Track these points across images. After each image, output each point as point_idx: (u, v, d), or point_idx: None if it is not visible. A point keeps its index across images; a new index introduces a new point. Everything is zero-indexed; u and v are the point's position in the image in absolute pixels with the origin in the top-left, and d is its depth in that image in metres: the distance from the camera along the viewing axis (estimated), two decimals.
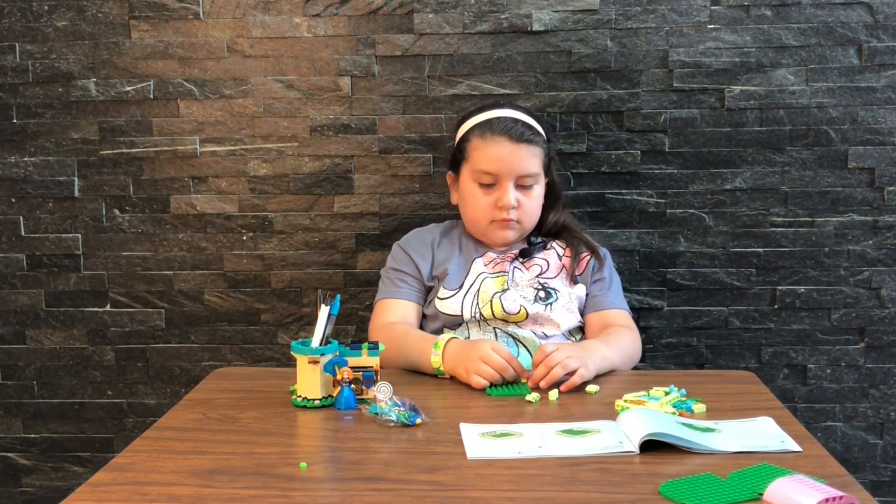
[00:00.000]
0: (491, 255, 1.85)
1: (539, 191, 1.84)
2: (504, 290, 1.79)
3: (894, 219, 2.12)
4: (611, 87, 2.11)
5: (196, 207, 2.20)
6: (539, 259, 1.85)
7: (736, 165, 2.13)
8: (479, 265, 1.84)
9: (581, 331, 1.85)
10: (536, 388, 1.48)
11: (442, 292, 1.81)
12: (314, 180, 2.18)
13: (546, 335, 1.77)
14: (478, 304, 1.78)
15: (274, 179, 2.19)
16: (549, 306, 1.78)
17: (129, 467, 1.17)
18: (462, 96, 2.13)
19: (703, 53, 2.10)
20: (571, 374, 1.48)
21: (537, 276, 1.82)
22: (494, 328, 1.78)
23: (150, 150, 2.19)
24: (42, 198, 2.22)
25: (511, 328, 1.77)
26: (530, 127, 1.81)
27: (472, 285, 1.81)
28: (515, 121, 1.81)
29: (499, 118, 1.81)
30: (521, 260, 1.84)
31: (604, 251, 1.90)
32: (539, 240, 1.88)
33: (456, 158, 1.89)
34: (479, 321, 1.78)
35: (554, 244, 1.89)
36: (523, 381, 1.52)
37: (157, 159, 2.19)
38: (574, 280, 1.83)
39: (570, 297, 1.81)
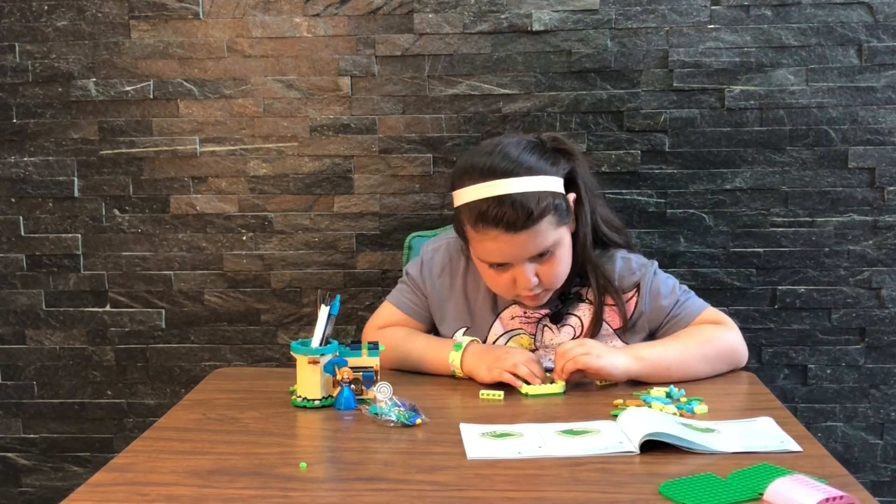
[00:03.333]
0: (517, 309, 1.61)
1: (562, 252, 1.52)
2: (533, 352, 1.58)
3: (894, 219, 2.12)
4: (611, 87, 2.11)
5: (196, 207, 2.20)
6: (573, 317, 1.60)
7: (736, 165, 2.13)
8: (499, 326, 1.62)
9: None
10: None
11: (471, 335, 1.60)
12: (314, 180, 2.18)
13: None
14: None
15: (274, 179, 2.19)
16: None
17: (129, 467, 1.16)
18: (462, 96, 2.13)
19: (703, 53, 2.10)
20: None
21: (571, 339, 1.58)
22: None
23: (150, 150, 2.19)
24: (42, 198, 2.21)
25: None
26: (528, 201, 1.45)
27: (495, 343, 1.62)
28: (506, 202, 1.44)
29: (487, 204, 1.45)
30: (551, 321, 1.60)
31: (648, 271, 1.60)
32: (571, 293, 1.60)
33: (458, 230, 1.58)
34: None
35: (588, 295, 1.60)
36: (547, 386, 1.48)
37: (157, 159, 2.19)
38: (627, 327, 1.57)
39: None
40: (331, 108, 2.16)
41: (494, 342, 1.62)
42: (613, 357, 1.44)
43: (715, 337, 1.53)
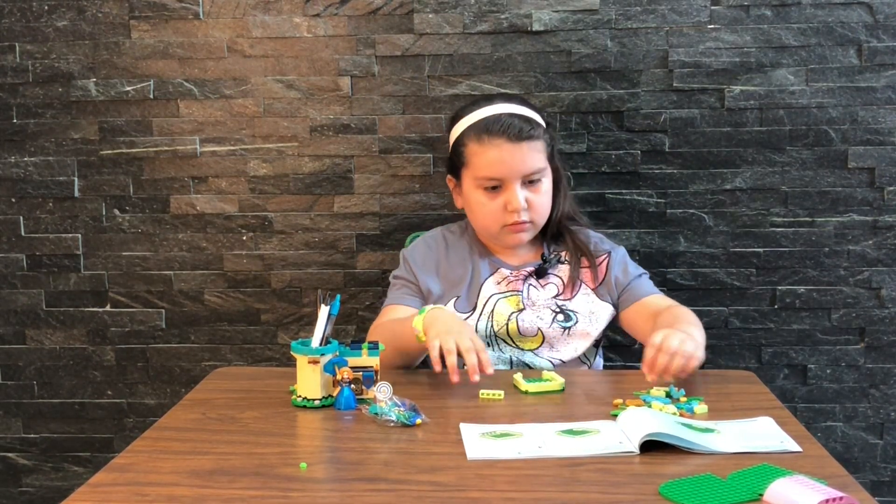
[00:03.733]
0: (504, 272, 1.76)
1: (547, 184, 1.73)
2: (520, 311, 1.71)
3: (894, 219, 2.12)
4: (611, 87, 2.11)
5: (196, 207, 2.20)
6: (554, 277, 1.76)
7: (736, 165, 2.13)
8: (489, 286, 1.74)
9: (596, 348, 1.78)
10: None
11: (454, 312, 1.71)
12: (314, 180, 2.18)
13: (563, 361, 1.71)
14: (493, 325, 1.72)
15: (274, 179, 2.19)
16: (567, 331, 1.71)
17: (129, 467, 1.17)
18: (462, 96, 2.13)
19: (703, 53, 2.10)
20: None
21: (554, 298, 1.73)
22: (510, 356, 1.72)
23: (150, 150, 2.19)
24: (42, 198, 2.22)
25: (528, 357, 1.72)
26: (528, 120, 1.70)
27: (484, 306, 1.73)
28: (511, 116, 1.69)
29: (494, 116, 1.69)
30: (535, 278, 1.74)
31: (618, 249, 1.82)
32: (552, 254, 1.77)
33: (454, 163, 1.78)
34: (496, 344, 1.72)
35: (566, 258, 1.77)
36: (547, 377, 1.49)
37: (157, 159, 2.19)
38: (599, 288, 1.75)
39: (589, 319, 1.73)
40: (331, 108, 2.16)
41: (485, 303, 1.72)
42: (698, 349, 1.46)
43: (688, 312, 1.66)
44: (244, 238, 2.21)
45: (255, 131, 2.17)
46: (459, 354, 1.42)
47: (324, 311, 1.43)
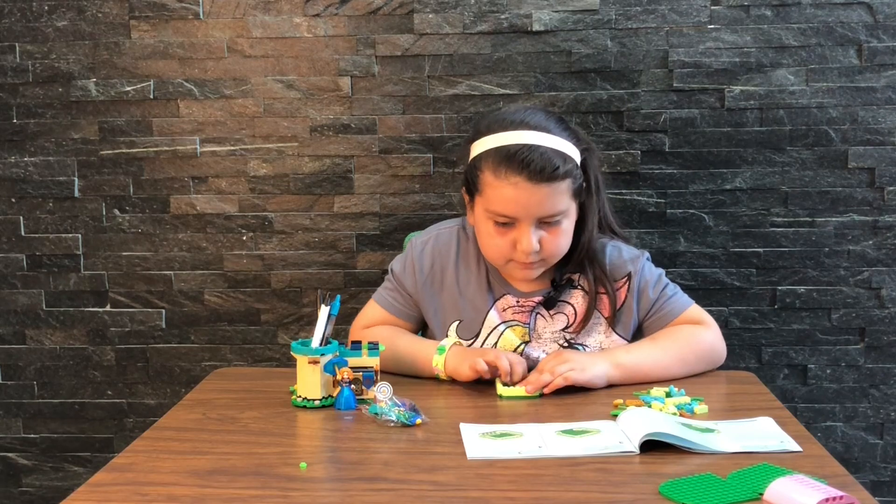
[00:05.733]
0: (510, 300, 1.59)
1: (567, 224, 1.51)
2: (526, 343, 1.58)
3: (894, 219, 2.12)
4: (611, 87, 2.11)
5: (196, 207, 2.20)
6: (566, 305, 1.59)
7: (736, 165, 2.13)
8: (494, 314, 1.59)
9: None
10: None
11: (454, 338, 1.59)
12: (314, 180, 2.18)
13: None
14: None
15: (274, 179, 2.19)
16: None
17: (129, 467, 1.16)
18: (462, 96, 2.13)
19: (703, 53, 2.10)
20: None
21: (563, 330, 1.58)
22: None
23: (150, 150, 2.19)
24: (42, 198, 2.22)
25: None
26: (555, 156, 1.46)
27: (489, 335, 1.59)
28: (536, 150, 1.45)
29: (516, 148, 1.45)
30: (544, 308, 1.59)
31: (637, 262, 1.61)
32: (563, 280, 1.58)
33: (468, 182, 1.55)
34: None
35: (580, 282, 1.59)
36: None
37: (157, 159, 2.19)
38: (615, 319, 1.58)
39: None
40: (331, 108, 2.16)
41: (489, 333, 1.59)
42: (595, 367, 1.45)
43: (693, 338, 1.54)
44: (244, 238, 2.21)
45: (255, 131, 2.17)
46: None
47: (324, 312, 1.43)
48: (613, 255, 1.60)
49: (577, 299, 1.59)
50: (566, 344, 1.58)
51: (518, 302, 1.59)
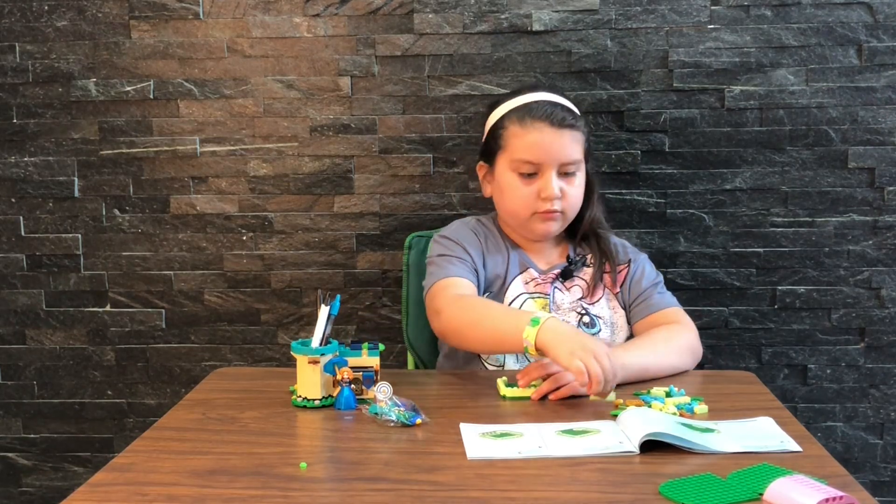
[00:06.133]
0: (533, 273, 1.71)
1: (581, 179, 1.69)
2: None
3: (894, 219, 2.12)
4: (611, 87, 2.11)
5: (196, 207, 2.20)
6: (579, 279, 1.71)
7: (736, 165, 2.13)
8: (517, 285, 1.69)
9: None
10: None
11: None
12: (314, 180, 2.18)
13: None
14: None
15: (274, 179, 2.19)
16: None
17: (129, 467, 1.17)
18: (462, 96, 2.13)
19: (703, 53, 2.10)
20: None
21: (580, 300, 1.69)
22: (532, 358, 1.60)
23: (150, 150, 2.19)
24: (42, 198, 2.22)
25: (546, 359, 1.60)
26: (570, 110, 1.68)
27: (511, 304, 1.67)
28: (555, 104, 1.67)
29: (537, 102, 1.67)
30: (561, 280, 1.70)
31: (640, 256, 1.78)
32: (578, 256, 1.73)
33: (490, 147, 1.72)
34: None
35: (591, 260, 1.74)
36: (534, 384, 1.48)
37: (157, 159, 2.19)
38: (616, 295, 1.72)
39: (611, 329, 1.69)
40: (331, 108, 2.16)
41: (510, 303, 1.67)
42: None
43: (681, 337, 1.63)
44: (244, 238, 2.21)
45: (255, 131, 2.17)
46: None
47: (324, 311, 1.43)
48: (618, 243, 1.79)
49: (589, 275, 1.73)
50: (583, 311, 1.68)
51: (540, 276, 1.71)
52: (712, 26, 2.09)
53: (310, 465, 1.16)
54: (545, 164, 1.64)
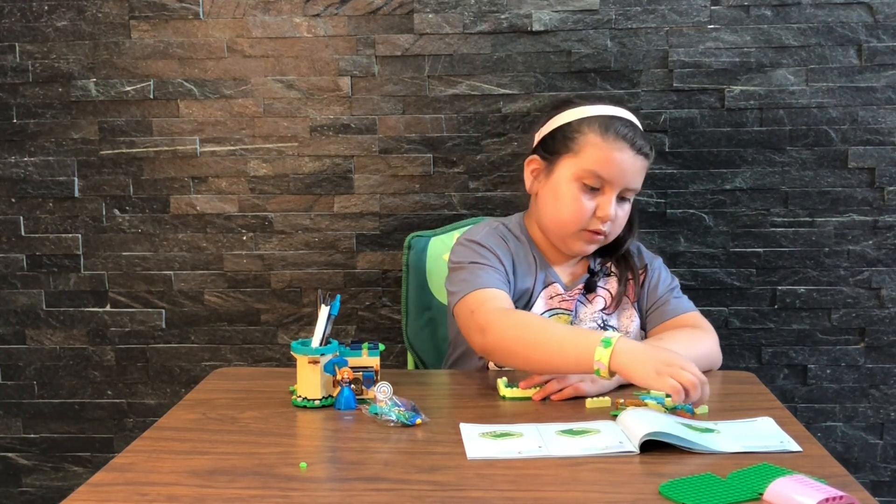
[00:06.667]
0: (558, 288, 1.66)
1: (629, 207, 1.65)
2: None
3: (894, 219, 2.12)
4: (611, 87, 2.11)
5: (196, 207, 2.20)
6: (602, 290, 1.69)
7: (736, 165, 2.13)
8: (541, 302, 1.65)
9: None
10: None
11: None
12: (314, 180, 2.18)
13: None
14: None
15: (274, 179, 2.19)
16: None
17: (129, 467, 1.17)
18: (462, 96, 2.13)
19: (703, 53, 2.10)
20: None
21: (601, 311, 1.67)
22: None
23: (150, 150, 2.19)
24: (42, 198, 2.22)
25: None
26: (647, 139, 1.62)
27: None
28: (636, 128, 1.61)
29: (622, 119, 1.60)
30: (584, 293, 1.67)
31: (655, 260, 1.76)
32: (599, 267, 1.69)
33: (555, 146, 1.63)
34: None
35: (613, 269, 1.71)
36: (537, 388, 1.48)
37: (157, 159, 2.19)
38: (637, 303, 1.69)
39: (626, 335, 1.61)
40: (331, 108, 2.16)
41: (542, 315, 1.64)
42: (607, 381, 1.43)
43: (698, 341, 1.60)
44: (244, 238, 2.21)
45: (255, 131, 2.17)
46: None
47: (324, 311, 1.43)
48: (635, 249, 1.75)
49: (612, 284, 1.70)
50: (602, 324, 1.66)
51: (566, 293, 1.67)
52: (712, 26, 2.09)
53: (310, 465, 1.16)
54: (612, 185, 1.58)
